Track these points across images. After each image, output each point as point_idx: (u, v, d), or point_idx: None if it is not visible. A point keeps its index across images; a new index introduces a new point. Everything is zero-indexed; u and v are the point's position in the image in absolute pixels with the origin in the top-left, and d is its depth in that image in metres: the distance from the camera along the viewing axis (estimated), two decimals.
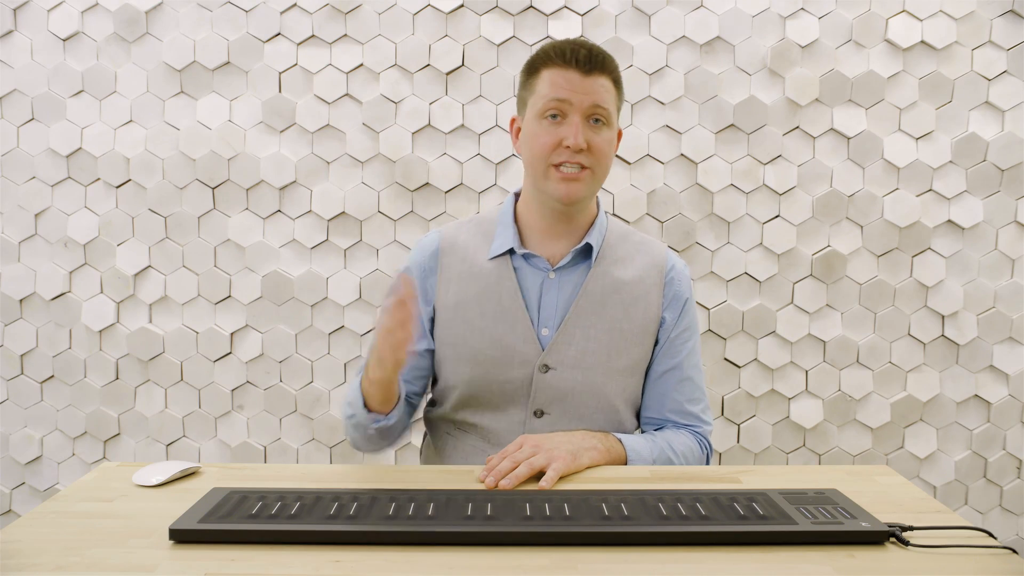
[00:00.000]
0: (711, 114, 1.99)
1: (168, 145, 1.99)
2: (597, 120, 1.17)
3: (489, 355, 1.21)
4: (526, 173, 1.24)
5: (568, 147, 1.15)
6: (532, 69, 1.21)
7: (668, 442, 1.22)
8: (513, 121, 1.27)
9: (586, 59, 1.15)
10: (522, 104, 1.23)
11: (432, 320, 1.27)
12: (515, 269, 1.24)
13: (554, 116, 1.17)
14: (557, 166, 1.17)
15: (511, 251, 1.24)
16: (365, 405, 1.15)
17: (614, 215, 2.00)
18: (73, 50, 1.97)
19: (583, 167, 1.17)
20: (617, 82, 1.20)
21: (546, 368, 1.21)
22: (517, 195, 1.30)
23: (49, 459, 2.07)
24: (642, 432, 1.30)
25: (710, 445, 1.29)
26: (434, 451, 1.32)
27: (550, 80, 1.17)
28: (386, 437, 1.20)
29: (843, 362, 2.05)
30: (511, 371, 1.21)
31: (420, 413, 1.35)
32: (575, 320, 1.21)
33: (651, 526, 0.84)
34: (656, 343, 1.27)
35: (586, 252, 1.24)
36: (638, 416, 1.31)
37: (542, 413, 1.22)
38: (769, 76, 1.98)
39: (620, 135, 1.27)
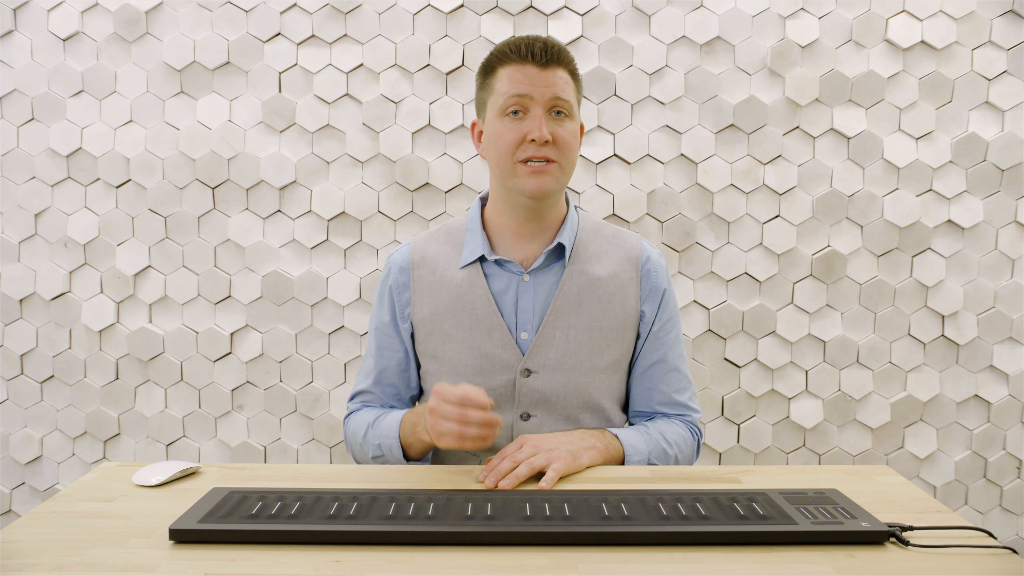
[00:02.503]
0: (711, 114, 1.99)
1: (168, 145, 1.99)
2: (559, 112, 1.17)
3: (469, 364, 1.22)
4: (492, 175, 1.24)
5: (533, 141, 1.15)
6: (488, 69, 1.21)
7: (661, 433, 1.23)
8: (474, 125, 1.27)
9: (542, 52, 1.15)
10: (481, 106, 1.23)
11: (412, 336, 1.28)
12: (487, 276, 1.23)
13: (516, 112, 1.16)
14: (524, 162, 1.17)
15: (482, 258, 1.24)
16: (405, 455, 1.20)
17: (614, 215, 2.00)
18: (73, 50, 1.97)
19: (549, 160, 1.17)
20: (575, 74, 1.21)
21: (528, 372, 1.21)
22: (483, 199, 1.30)
23: (49, 459, 2.06)
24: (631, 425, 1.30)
25: (700, 431, 1.30)
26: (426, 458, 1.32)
27: (508, 77, 1.17)
28: None
29: (843, 362, 2.05)
30: (493, 378, 1.21)
31: None
32: (553, 322, 1.21)
33: (651, 526, 0.84)
34: (637, 337, 1.27)
35: (559, 252, 1.24)
36: (624, 409, 1.31)
37: (528, 416, 1.22)
38: (769, 76, 1.98)
39: (583, 129, 1.27)
